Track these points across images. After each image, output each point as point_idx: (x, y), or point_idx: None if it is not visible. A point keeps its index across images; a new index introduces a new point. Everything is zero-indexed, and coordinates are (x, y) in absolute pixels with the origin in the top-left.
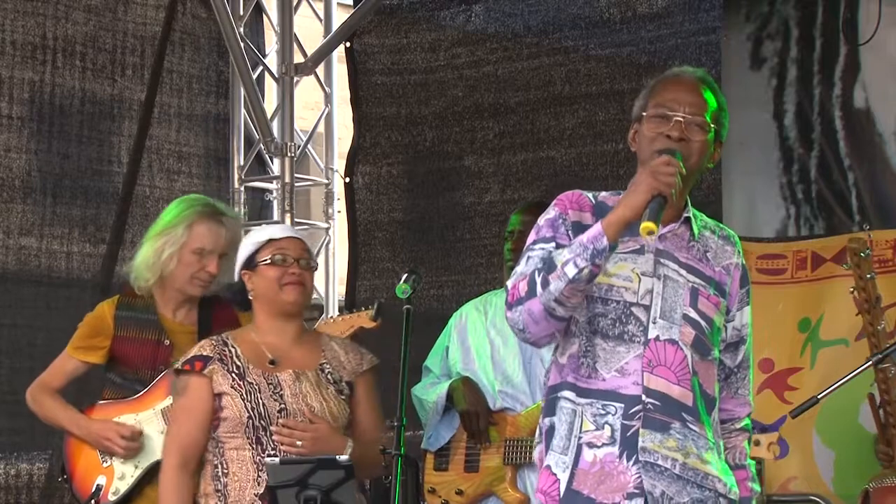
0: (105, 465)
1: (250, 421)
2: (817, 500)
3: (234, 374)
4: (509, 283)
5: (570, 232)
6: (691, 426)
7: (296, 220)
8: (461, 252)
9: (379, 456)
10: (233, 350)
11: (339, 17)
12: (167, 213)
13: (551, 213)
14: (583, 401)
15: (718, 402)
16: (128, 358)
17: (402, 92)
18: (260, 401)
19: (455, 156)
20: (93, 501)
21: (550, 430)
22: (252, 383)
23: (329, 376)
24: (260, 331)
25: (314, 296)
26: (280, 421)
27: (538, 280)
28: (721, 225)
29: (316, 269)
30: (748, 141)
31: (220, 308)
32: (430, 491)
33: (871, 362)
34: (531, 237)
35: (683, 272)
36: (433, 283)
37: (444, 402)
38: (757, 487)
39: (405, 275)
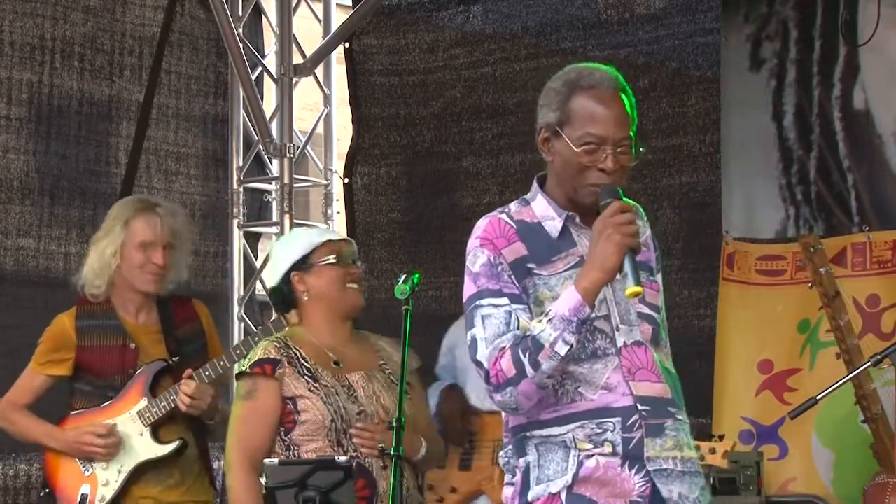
0: (87, 473)
1: (333, 424)
2: (816, 501)
3: (306, 377)
4: (483, 360)
5: (512, 276)
6: (678, 417)
7: (295, 220)
8: (460, 253)
9: (437, 450)
10: (297, 352)
11: (338, 17)
12: (106, 219)
13: (481, 256)
14: (570, 426)
15: None
16: (95, 366)
17: (400, 93)
18: (340, 403)
19: (454, 157)
20: None
21: (527, 470)
22: (328, 386)
23: (391, 376)
24: (316, 332)
25: None
26: (358, 424)
27: (525, 361)
28: (627, 200)
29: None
30: (747, 142)
31: (179, 304)
32: (428, 488)
33: (870, 362)
34: (469, 288)
35: None
36: (432, 284)
37: (436, 409)
38: None
39: (403, 276)
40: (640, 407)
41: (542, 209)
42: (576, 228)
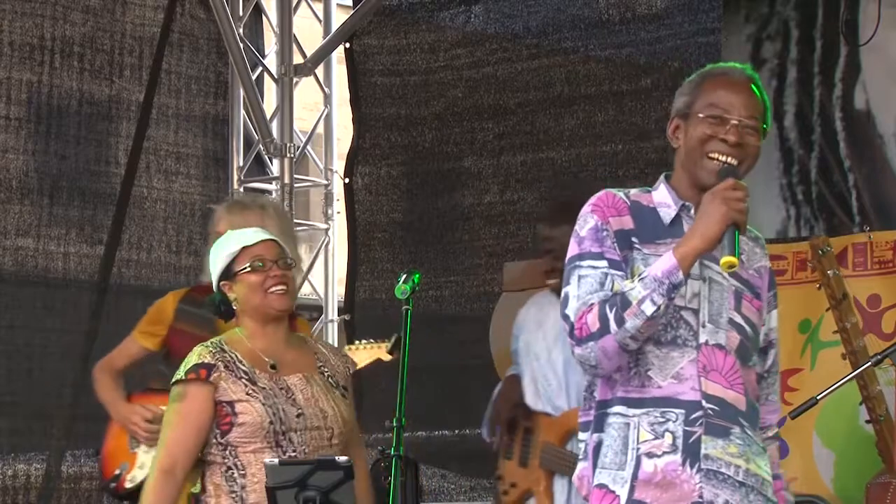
0: (131, 451)
1: (272, 426)
2: (817, 501)
3: (244, 381)
4: (571, 313)
5: (615, 244)
6: (748, 431)
7: (295, 220)
8: (460, 253)
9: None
10: (233, 355)
11: (339, 17)
12: None
13: (590, 221)
14: (637, 411)
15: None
16: (178, 351)
17: (401, 93)
18: (279, 406)
19: (454, 157)
20: (112, 485)
21: (598, 447)
22: (266, 388)
23: (330, 379)
24: (251, 337)
25: (314, 297)
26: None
27: (611, 316)
28: (749, 227)
29: (293, 266)
30: None
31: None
32: (498, 477)
33: (871, 362)
34: (573, 249)
35: (726, 275)
36: (432, 283)
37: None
38: (791, 498)
39: (404, 275)
40: (705, 404)
41: (660, 196)
42: (688, 220)
